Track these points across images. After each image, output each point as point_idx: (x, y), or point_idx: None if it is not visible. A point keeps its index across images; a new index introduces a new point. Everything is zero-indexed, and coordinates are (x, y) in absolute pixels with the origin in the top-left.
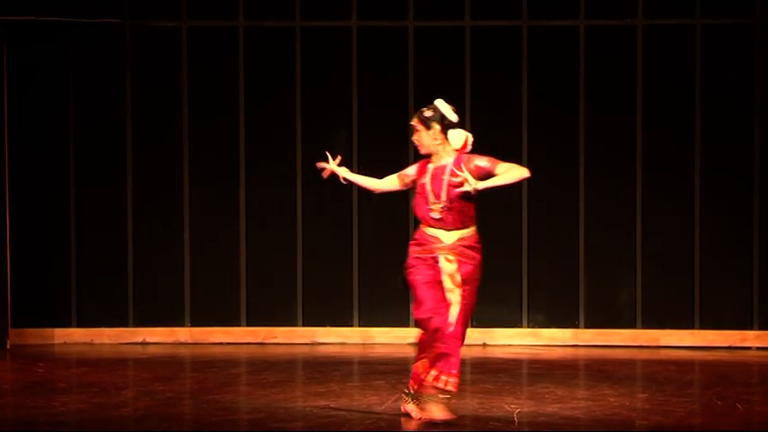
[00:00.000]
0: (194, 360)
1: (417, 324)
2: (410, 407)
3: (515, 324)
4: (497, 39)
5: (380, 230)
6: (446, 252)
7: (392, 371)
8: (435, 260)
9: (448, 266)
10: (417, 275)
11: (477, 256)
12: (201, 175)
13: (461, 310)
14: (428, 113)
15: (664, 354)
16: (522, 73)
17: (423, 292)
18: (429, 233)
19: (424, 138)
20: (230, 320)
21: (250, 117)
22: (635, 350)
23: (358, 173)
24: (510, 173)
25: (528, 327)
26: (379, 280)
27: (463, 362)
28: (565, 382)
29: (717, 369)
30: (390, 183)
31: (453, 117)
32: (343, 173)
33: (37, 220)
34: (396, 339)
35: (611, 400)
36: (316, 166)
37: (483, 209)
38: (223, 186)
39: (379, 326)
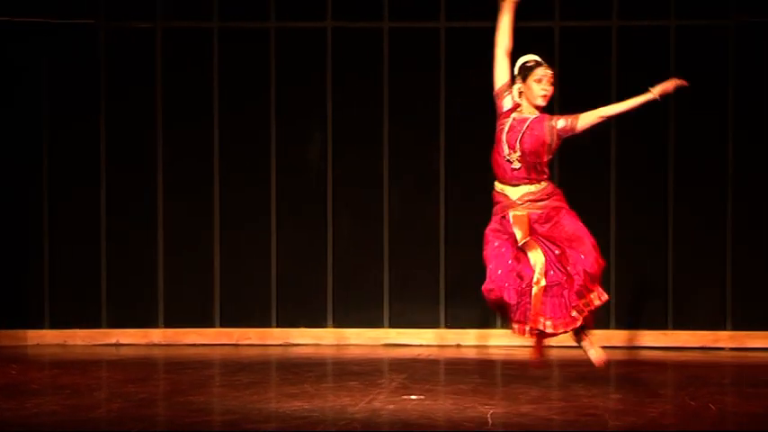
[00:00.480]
0: (168, 361)
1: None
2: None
3: (490, 325)
4: (472, 40)
5: (355, 232)
6: (515, 208)
7: (366, 372)
8: (507, 220)
9: (517, 219)
10: (488, 246)
11: (552, 204)
12: (176, 176)
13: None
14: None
15: (637, 354)
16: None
17: (492, 257)
18: (498, 188)
19: (550, 91)
20: (204, 322)
21: (225, 119)
22: (608, 351)
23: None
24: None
25: (502, 328)
26: (354, 282)
27: (436, 362)
28: (539, 383)
29: (690, 370)
30: (504, 71)
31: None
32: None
33: (9, 222)
34: (370, 341)
35: (585, 400)
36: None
37: (454, 210)
38: (197, 188)
39: (353, 327)
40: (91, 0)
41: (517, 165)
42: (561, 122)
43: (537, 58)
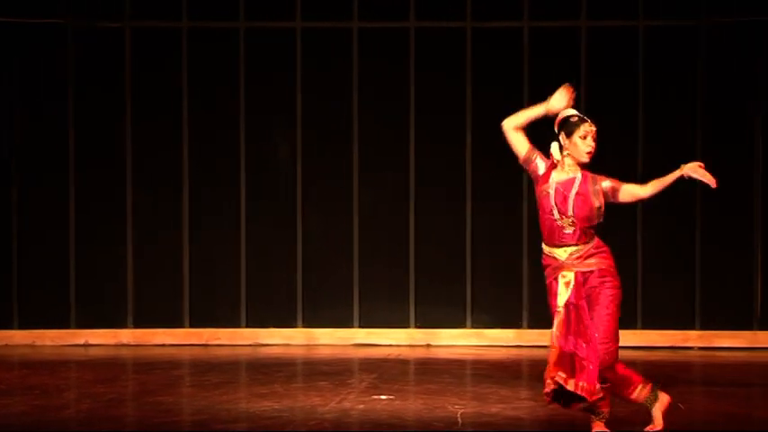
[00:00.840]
0: (137, 362)
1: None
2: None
3: (460, 325)
4: (442, 39)
5: (324, 233)
6: (565, 270)
7: (336, 371)
8: (557, 280)
9: (566, 286)
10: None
11: (602, 261)
12: (144, 176)
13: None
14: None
15: None
16: (466, 73)
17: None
18: (546, 251)
19: (593, 147)
20: (173, 322)
21: (193, 118)
22: None
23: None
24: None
25: (472, 327)
26: (323, 281)
27: (406, 362)
28: (508, 383)
29: (659, 369)
30: (520, 142)
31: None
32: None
33: None
34: (339, 340)
35: None
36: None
37: (426, 211)
38: (166, 188)
39: (322, 327)
40: (61, 0)
41: (569, 230)
42: (606, 183)
43: (579, 113)
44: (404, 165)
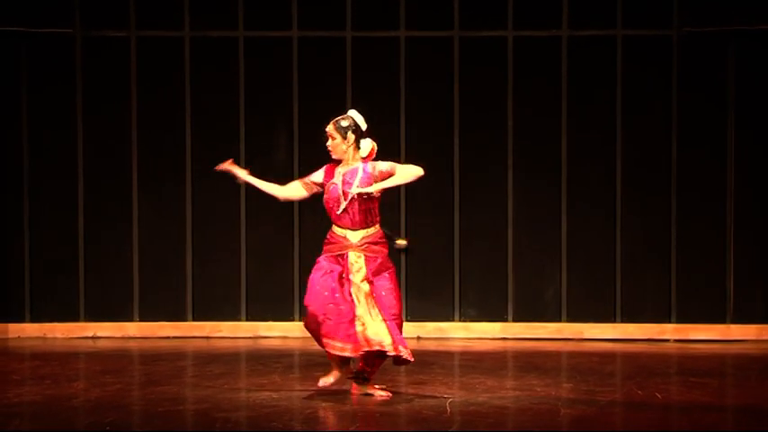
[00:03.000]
0: (142, 353)
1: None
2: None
3: (448, 318)
4: (431, 48)
5: (320, 232)
6: (353, 249)
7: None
8: (344, 257)
9: (356, 263)
10: (319, 271)
11: (384, 250)
12: (149, 175)
13: (390, 295)
14: (344, 123)
15: (587, 346)
16: (454, 80)
17: (317, 284)
18: (338, 233)
19: (340, 145)
20: (177, 315)
21: (196, 121)
22: (560, 342)
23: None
24: (403, 173)
25: (460, 321)
26: None
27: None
28: (494, 373)
29: (637, 360)
30: (296, 191)
31: (364, 127)
32: (243, 175)
33: None
34: None
35: (538, 389)
36: (215, 168)
37: (418, 210)
38: (170, 187)
39: None
40: (68, 10)
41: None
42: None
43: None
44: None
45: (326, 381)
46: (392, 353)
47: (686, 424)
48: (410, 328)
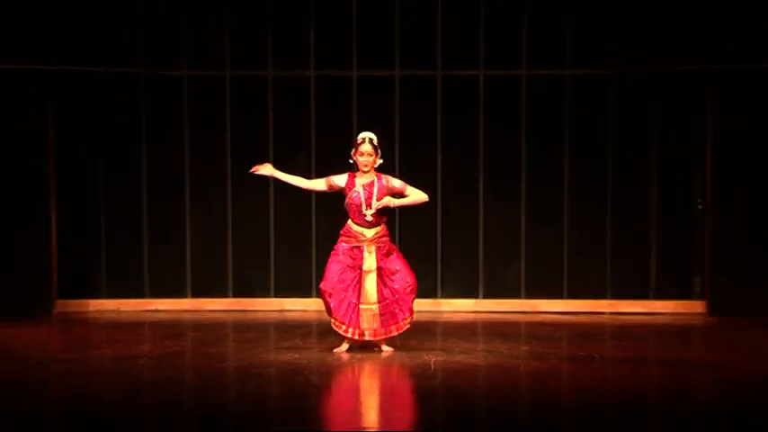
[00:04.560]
0: (194, 323)
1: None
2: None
3: (433, 295)
4: (421, 85)
5: (332, 227)
6: (368, 243)
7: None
8: (360, 249)
9: (370, 254)
10: (338, 263)
11: (387, 238)
12: (198, 185)
13: (403, 270)
14: (376, 142)
15: (541, 317)
16: (437, 113)
17: (335, 275)
18: (355, 229)
19: (373, 161)
20: (221, 293)
21: (234, 143)
22: (520, 315)
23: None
24: (415, 196)
25: (441, 297)
26: None
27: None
28: (468, 339)
29: (580, 329)
30: (318, 185)
31: None
32: (271, 171)
33: (77, 222)
34: None
35: (503, 351)
36: (249, 171)
37: (411, 213)
38: (214, 194)
39: None
40: (131, 50)
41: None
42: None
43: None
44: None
45: (341, 349)
46: (369, 338)
47: (617, 375)
48: None
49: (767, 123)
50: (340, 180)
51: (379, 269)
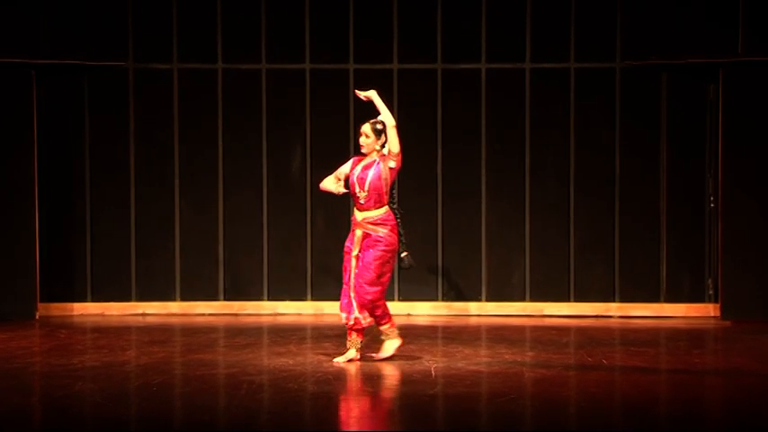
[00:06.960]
0: (183, 327)
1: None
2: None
3: (433, 298)
4: (419, 79)
5: (328, 228)
6: (357, 227)
7: (338, 335)
8: (354, 233)
9: (358, 238)
10: (346, 254)
11: (382, 231)
12: (188, 182)
13: (368, 266)
14: (379, 126)
15: (546, 321)
16: (437, 106)
17: (345, 263)
18: (354, 213)
19: (372, 144)
20: (211, 296)
21: (225, 138)
22: (524, 318)
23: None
24: (389, 122)
25: (442, 300)
26: (327, 265)
27: None
28: (470, 344)
29: (587, 333)
30: (339, 186)
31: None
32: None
33: (59, 224)
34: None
35: (506, 356)
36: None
37: (411, 212)
38: (205, 193)
39: (327, 300)
40: (121, 45)
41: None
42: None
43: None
44: None
45: (340, 360)
46: (346, 322)
47: (626, 383)
48: (402, 307)
49: None
50: (345, 168)
51: (357, 256)
